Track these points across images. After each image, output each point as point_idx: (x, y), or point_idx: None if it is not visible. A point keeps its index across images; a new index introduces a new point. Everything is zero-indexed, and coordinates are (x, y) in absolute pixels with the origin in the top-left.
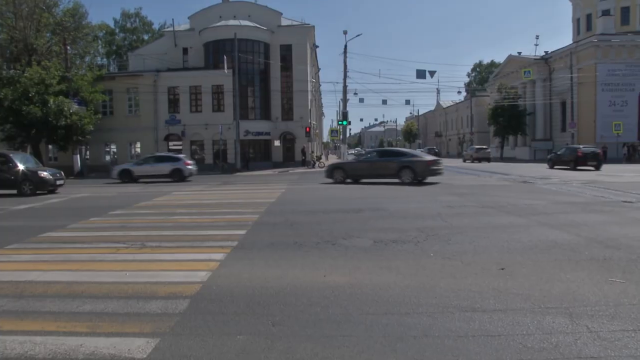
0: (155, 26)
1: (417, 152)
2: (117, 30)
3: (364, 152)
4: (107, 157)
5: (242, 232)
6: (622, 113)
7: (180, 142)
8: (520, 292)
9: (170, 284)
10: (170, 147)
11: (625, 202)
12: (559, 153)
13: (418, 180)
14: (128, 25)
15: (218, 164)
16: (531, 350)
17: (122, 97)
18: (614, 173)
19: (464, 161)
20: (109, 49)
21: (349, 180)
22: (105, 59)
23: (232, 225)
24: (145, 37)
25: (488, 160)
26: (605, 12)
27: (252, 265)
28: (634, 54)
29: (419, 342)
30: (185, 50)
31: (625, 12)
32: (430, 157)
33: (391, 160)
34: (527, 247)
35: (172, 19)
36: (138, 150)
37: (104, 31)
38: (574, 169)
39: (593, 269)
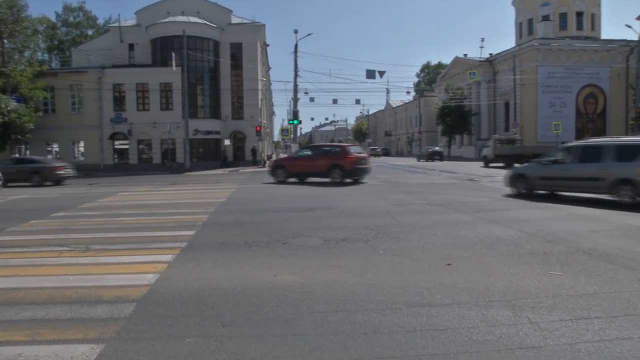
0: (100, 21)
1: (49, 159)
2: (59, 25)
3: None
4: (50, 157)
5: (191, 232)
6: (561, 114)
7: (126, 141)
8: (465, 287)
9: (116, 287)
10: (115, 147)
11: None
12: None
13: (50, 182)
14: (71, 19)
15: (167, 163)
16: (476, 343)
17: (65, 95)
18: None
19: None
20: (51, 44)
21: None
22: (46, 55)
23: (181, 226)
24: (90, 32)
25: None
26: (545, 18)
27: (201, 266)
28: (571, 58)
29: (368, 339)
30: (131, 47)
31: (563, 17)
32: (58, 164)
33: (27, 166)
34: (473, 243)
35: (118, 14)
36: (82, 149)
37: (45, 25)
38: None
39: (534, 263)
